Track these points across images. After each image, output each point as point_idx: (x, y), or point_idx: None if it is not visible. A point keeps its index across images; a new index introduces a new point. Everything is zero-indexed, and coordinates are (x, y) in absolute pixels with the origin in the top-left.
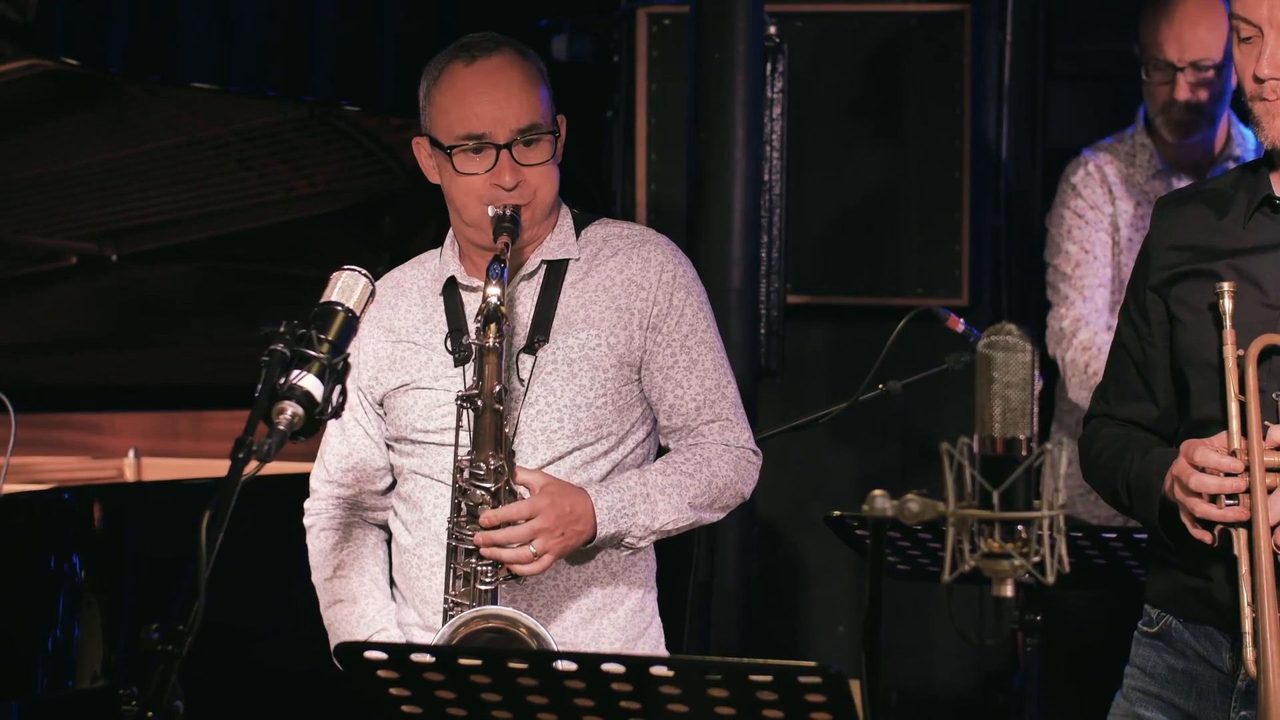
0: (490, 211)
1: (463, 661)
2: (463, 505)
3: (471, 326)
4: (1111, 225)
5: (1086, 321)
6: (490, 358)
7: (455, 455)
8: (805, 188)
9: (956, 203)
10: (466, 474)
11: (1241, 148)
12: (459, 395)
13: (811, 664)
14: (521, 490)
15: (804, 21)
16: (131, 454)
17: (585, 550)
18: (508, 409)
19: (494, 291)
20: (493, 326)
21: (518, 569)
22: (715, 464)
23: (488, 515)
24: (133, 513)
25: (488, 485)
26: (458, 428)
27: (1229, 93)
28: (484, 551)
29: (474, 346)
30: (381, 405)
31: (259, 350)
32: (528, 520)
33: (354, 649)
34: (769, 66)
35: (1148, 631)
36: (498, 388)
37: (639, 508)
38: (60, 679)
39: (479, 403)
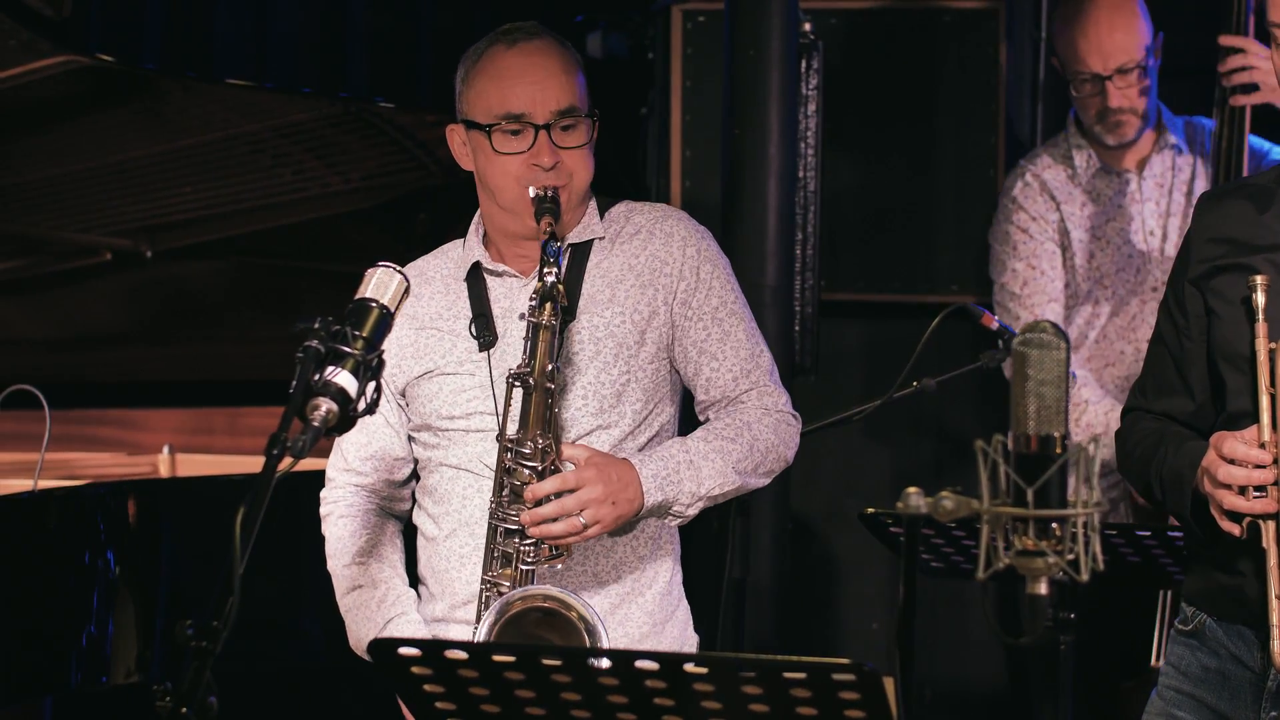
0: (531, 192)
1: (496, 658)
2: (506, 485)
3: (519, 324)
4: (1058, 230)
5: None
6: (545, 335)
7: (501, 434)
8: (840, 184)
9: (991, 199)
10: (512, 454)
11: (1176, 136)
12: (510, 373)
13: (845, 661)
14: (566, 466)
15: (839, 18)
16: (166, 450)
17: (624, 524)
18: (559, 388)
19: (551, 270)
20: (548, 305)
21: (569, 541)
22: (756, 428)
23: (533, 489)
24: (167, 509)
25: (534, 465)
26: (507, 406)
27: (1155, 84)
28: (531, 531)
29: (529, 324)
30: (404, 395)
31: (294, 346)
32: (574, 491)
33: (388, 645)
34: (804, 63)
35: (1183, 630)
36: (550, 366)
37: (684, 474)
38: (94, 674)
39: (530, 381)
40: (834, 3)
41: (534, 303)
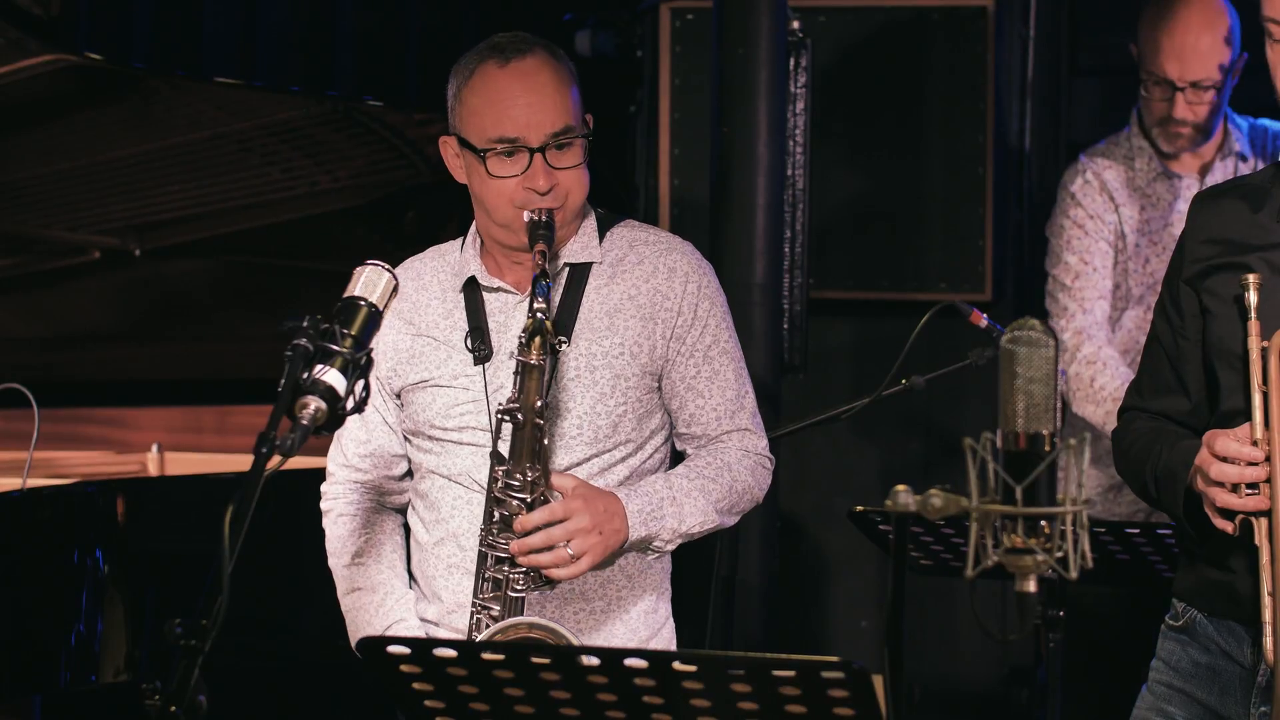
0: (526, 217)
1: (486, 656)
2: (495, 514)
3: (513, 339)
4: (1114, 233)
5: (1089, 335)
6: (533, 374)
7: (491, 466)
8: (829, 182)
9: (980, 198)
10: (501, 484)
11: (1240, 143)
12: (500, 408)
13: (834, 659)
14: (554, 495)
15: (827, 16)
16: (155, 448)
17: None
18: (549, 422)
19: (540, 307)
20: (537, 341)
21: (556, 572)
22: (736, 469)
23: (522, 520)
24: (156, 507)
25: (523, 496)
26: (496, 438)
27: (1226, 103)
28: (520, 560)
29: (518, 362)
30: (399, 397)
31: (282, 345)
32: (562, 522)
33: (376, 644)
34: (792, 61)
35: (1173, 625)
36: (539, 403)
37: (667, 511)
38: (83, 673)
39: (519, 416)
40: (823, 1)
41: (523, 340)
